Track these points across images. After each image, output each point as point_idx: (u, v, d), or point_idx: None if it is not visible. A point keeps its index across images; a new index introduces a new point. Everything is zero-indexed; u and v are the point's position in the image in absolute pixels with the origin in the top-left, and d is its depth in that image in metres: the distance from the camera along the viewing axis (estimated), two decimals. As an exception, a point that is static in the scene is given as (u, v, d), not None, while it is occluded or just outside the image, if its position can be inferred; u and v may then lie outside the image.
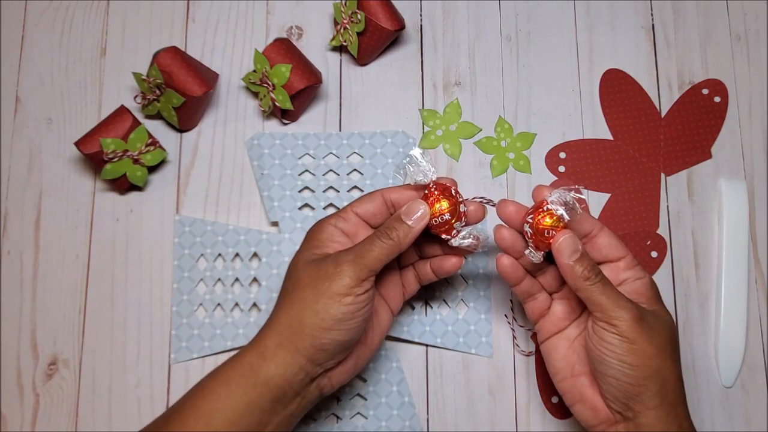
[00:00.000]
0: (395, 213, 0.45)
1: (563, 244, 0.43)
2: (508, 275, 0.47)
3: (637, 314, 0.42)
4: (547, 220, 0.44)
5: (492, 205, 0.47)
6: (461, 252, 0.48)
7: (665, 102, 0.59)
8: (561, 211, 0.43)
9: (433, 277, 0.48)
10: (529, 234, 0.45)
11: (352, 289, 0.42)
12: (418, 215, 0.44)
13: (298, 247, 0.46)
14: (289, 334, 0.42)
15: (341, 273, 0.42)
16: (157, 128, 0.57)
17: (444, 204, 0.45)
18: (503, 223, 0.47)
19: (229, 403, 0.41)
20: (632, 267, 0.46)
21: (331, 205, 0.56)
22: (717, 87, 0.60)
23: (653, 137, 0.59)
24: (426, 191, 0.45)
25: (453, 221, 0.45)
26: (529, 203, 0.57)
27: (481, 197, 0.48)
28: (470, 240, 0.45)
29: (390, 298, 0.48)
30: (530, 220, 0.45)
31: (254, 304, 0.54)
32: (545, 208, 0.44)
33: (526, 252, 0.45)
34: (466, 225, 0.46)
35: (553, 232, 0.44)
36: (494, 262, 0.55)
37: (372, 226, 0.47)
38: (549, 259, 0.46)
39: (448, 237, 0.45)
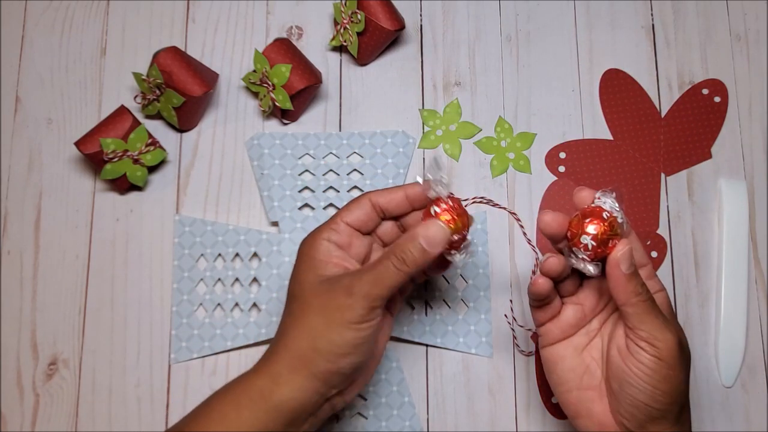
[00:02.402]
0: (410, 232, 0.41)
1: (625, 255, 0.40)
2: (541, 295, 0.44)
3: (681, 338, 0.40)
4: (612, 227, 0.41)
5: (492, 205, 0.47)
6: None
7: (665, 102, 0.59)
8: (619, 215, 0.41)
9: (423, 276, 0.47)
10: (590, 246, 0.41)
11: (366, 317, 0.40)
12: (438, 241, 0.41)
13: (297, 247, 0.46)
14: (303, 360, 0.41)
15: (354, 305, 0.40)
16: (157, 128, 0.57)
17: (459, 223, 0.41)
18: (550, 253, 0.43)
19: (240, 428, 0.40)
20: (651, 277, 0.44)
21: (331, 205, 0.55)
22: (717, 87, 0.60)
23: (653, 137, 0.59)
24: (438, 207, 0.42)
25: (465, 240, 0.42)
26: (529, 203, 0.57)
27: (481, 197, 0.47)
28: (467, 256, 0.43)
29: (390, 304, 0.47)
30: (592, 231, 0.41)
31: (254, 304, 0.54)
32: (605, 216, 0.41)
33: (582, 266, 0.41)
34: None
35: (615, 241, 0.41)
36: (494, 263, 0.55)
37: (363, 233, 0.45)
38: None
39: (454, 252, 0.43)
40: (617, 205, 0.41)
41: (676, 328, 0.41)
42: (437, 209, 0.41)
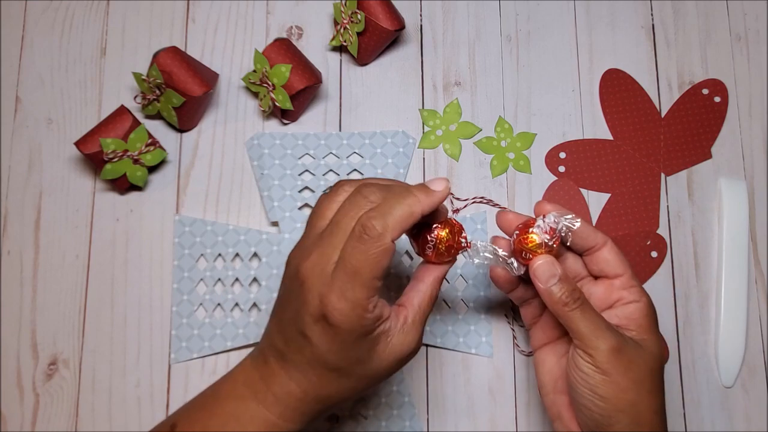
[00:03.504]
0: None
1: (539, 269, 0.42)
2: (501, 285, 0.47)
3: (615, 344, 0.40)
4: (530, 243, 0.43)
5: (492, 205, 0.47)
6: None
7: (665, 102, 0.59)
8: (544, 238, 0.42)
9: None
10: (512, 249, 0.44)
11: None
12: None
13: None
14: (336, 406, 0.42)
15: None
16: (157, 128, 0.57)
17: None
18: (501, 234, 0.46)
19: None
20: (629, 287, 0.44)
21: (331, 205, 0.55)
22: (717, 87, 0.60)
23: (653, 137, 0.59)
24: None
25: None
26: (529, 204, 0.57)
27: (481, 197, 0.48)
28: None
29: None
30: (515, 236, 0.44)
31: (254, 304, 0.54)
32: (531, 230, 0.43)
33: (510, 261, 0.44)
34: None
35: (531, 256, 0.43)
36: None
37: None
38: None
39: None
40: (562, 225, 0.43)
41: (612, 335, 0.41)
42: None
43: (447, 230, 0.42)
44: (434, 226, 0.42)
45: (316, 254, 0.38)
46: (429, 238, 0.41)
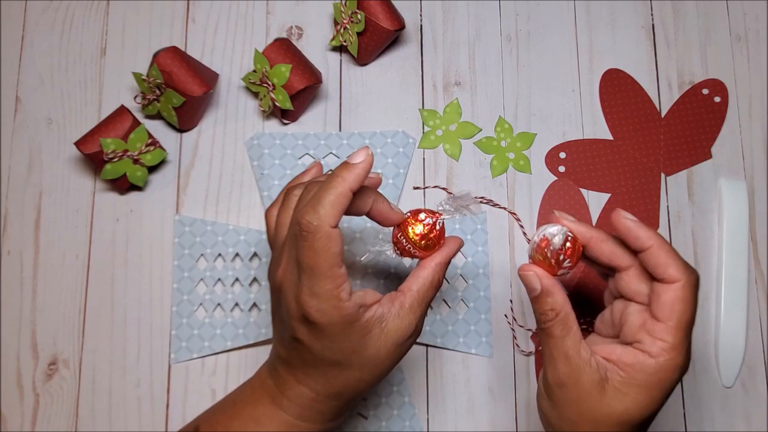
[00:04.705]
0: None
1: (524, 279, 0.41)
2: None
3: (558, 380, 0.40)
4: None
5: (492, 205, 0.47)
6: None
7: (665, 102, 0.59)
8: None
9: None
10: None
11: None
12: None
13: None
14: (353, 401, 0.43)
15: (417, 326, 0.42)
16: (157, 128, 0.57)
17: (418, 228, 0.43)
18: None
19: None
20: (661, 338, 0.39)
21: (331, 205, 0.55)
22: (717, 87, 0.60)
23: (653, 137, 0.59)
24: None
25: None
26: (529, 203, 0.57)
27: (481, 197, 0.48)
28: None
29: None
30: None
31: (254, 304, 0.54)
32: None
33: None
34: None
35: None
36: (494, 263, 0.55)
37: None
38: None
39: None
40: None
41: (560, 368, 0.40)
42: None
43: (408, 229, 0.42)
44: (398, 235, 0.42)
45: (285, 262, 0.40)
46: (407, 247, 0.42)
